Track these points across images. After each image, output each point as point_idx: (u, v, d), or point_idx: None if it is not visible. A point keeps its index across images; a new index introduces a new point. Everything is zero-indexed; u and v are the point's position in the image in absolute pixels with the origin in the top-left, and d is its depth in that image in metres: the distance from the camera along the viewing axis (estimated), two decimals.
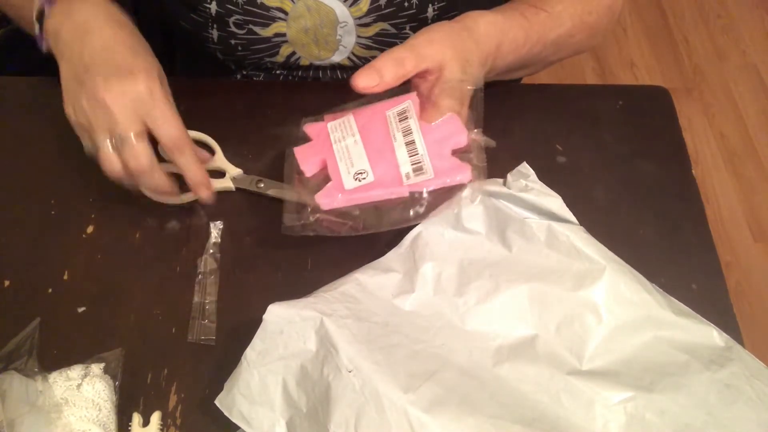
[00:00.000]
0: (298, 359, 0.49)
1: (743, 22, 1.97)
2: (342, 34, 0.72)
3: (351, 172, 0.57)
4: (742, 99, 1.82)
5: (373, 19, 0.70)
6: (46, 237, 0.62)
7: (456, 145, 0.58)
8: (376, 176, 0.56)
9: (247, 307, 0.58)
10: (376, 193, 0.56)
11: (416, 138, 0.57)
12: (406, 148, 0.57)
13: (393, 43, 0.72)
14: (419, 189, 0.57)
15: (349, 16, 0.70)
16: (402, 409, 0.45)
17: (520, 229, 0.56)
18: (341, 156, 0.57)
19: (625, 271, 0.55)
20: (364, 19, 0.70)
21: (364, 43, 0.73)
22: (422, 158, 0.56)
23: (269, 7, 0.69)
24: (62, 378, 0.52)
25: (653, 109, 0.73)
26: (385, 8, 0.69)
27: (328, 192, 0.57)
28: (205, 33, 0.73)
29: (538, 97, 0.73)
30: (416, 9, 0.69)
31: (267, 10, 0.70)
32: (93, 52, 0.56)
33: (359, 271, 0.55)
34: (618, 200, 0.66)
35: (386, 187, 0.56)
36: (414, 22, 0.70)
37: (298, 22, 0.71)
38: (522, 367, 0.51)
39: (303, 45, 0.73)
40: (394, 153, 0.57)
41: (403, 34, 0.71)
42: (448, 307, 0.54)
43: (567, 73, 1.83)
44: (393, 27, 0.71)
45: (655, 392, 0.49)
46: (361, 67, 0.57)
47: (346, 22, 0.71)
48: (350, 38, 0.72)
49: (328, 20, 0.70)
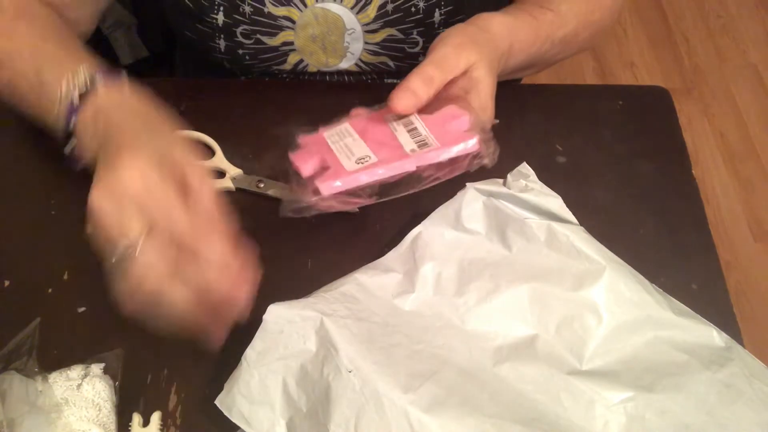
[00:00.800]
0: (298, 359, 0.49)
1: (743, 22, 1.97)
2: (350, 41, 0.72)
3: (352, 159, 0.54)
4: (742, 99, 1.82)
5: (381, 26, 0.70)
6: (46, 237, 0.62)
7: (459, 126, 0.56)
8: (379, 158, 0.54)
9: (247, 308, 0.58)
10: (380, 171, 0.53)
11: (418, 125, 0.55)
12: (409, 134, 0.55)
13: (401, 48, 0.72)
14: (426, 161, 0.54)
15: (357, 23, 0.70)
16: (402, 409, 0.45)
17: (520, 229, 0.56)
18: (340, 151, 0.55)
19: (625, 271, 0.55)
20: (371, 25, 0.70)
21: (371, 50, 0.73)
22: (426, 137, 0.54)
23: (277, 17, 0.69)
24: (62, 378, 0.52)
25: (653, 109, 0.73)
26: (392, 14, 0.69)
27: (329, 176, 0.53)
28: (211, 43, 0.72)
29: (538, 97, 0.73)
30: (423, 14, 0.69)
31: (274, 20, 0.69)
32: None
33: (359, 271, 0.55)
34: (618, 200, 0.66)
35: (390, 163, 0.53)
36: (421, 27, 0.70)
37: (306, 31, 0.71)
38: (522, 367, 0.51)
39: (311, 53, 0.73)
40: (396, 139, 0.55)
41: (411, 39, 0.71)
42: (448, 307, 0.54)
43: (567, 73, 1.83)
44: (400, 32, 0.71)
45: (655, 392, 0.49)
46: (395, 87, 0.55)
47: (353, 29, 0.71)
48: (358, 45, 0.72)
49: (336, 28, 0.70)
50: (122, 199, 0.44)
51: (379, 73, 0.77)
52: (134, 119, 0.50)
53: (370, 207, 0.64)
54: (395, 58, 0.74)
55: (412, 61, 0.73)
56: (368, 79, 0.78)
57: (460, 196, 0.58)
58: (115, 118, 0.51)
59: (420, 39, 0.71)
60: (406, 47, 0.72)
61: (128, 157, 0.45)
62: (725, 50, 1.92)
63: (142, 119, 0.50)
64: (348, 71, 0.76)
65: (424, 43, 0.72)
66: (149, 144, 0.46)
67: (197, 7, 0.69)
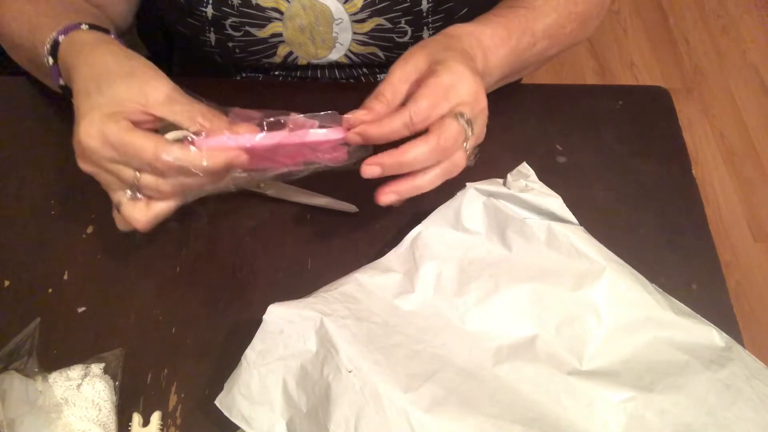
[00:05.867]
0: (298, 359, 0.49)
1: (743, 22, 1.97)
2: (338, 31, 0.72)
3: None
4: (742, 99, 1.82)
5: (368, 15, 0.70)
6: (46, 237, 0.62)
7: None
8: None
9: (247, 307, 0.58)
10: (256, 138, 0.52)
11: None
12: None
13: (390, 38, 0.73)
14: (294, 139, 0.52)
15: (345, 13, 0.70)
16: (402, 409, 0.45)
17: (520, 229, 0.56)
18: None
19: (625, 271, 0.55)
20: (359, 15, 0.70)
21: (360, 40, 0.73)
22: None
23: (264, 8, 0.70)
24: (62, 378, 0.52)
25: (653, 109, 0.73)
26: (379, 3, 0.69)
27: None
28: (202, 37, 0.73)
29: (538, 97, 0.73)
30: (410, 2, 0.69)
31: (262, 11, 0.70)
32: None
33: (359, 271, 0.55)
34: (618, 200, 0.66)
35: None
36: (409, 16, 0.70)
37: (294, 22, 0.71)
38: (522, 367, 0.51)
39: (300, 44, 0.73)
40: None
41: (399, 28, 0.71)
42: (448, 307, 0.54)
43: (567, 73, 1.83)
44: (388, 21, 0.71)
45: (655, 392, 0.49)
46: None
47: (341, 19, 0.71)
48: (346, 35, 0.72)
49: (324, 18, 0.71)
50: (95, 159, 0.50)
51: (369, 65, 0.77)
52: (90, 70, 0.53)
53: (370, 207, 0.64)
54: (385, 48, 0.74)
55: (402, 51, 0.72)
56: (359, 72, 0.78)
57: (460, 196, 0.58)
58: (74, 71, 0.54)
59: (408, 28, 0.71)
60: (395, 36, 0.72)
61: (80, 117, 0.50)
62: (725, 50, 1.92)
63: (99, 69, 0.52)
64: (338, 63, 0.76)
65: (413, 32, 0.72)
66: (100, 97, 0.50)
67: (187, 0, 0.70)
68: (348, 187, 0.64)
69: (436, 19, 0.71)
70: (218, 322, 0.58)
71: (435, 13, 0.70)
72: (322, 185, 0.64)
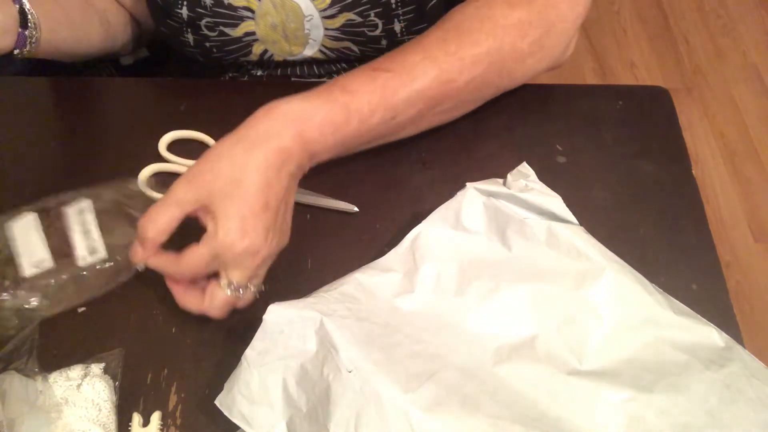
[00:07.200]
0: (298, 359, 0.49)
1: (743, 22, 1.98)
2: (310, 27, 0.72)
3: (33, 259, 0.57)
4: (742, 99, 1.82)
5: (338, 10, 0.71)
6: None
7: None
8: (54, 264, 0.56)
9: (247, 307, 0.58)
10: None
11: (93, 229, 0.57)
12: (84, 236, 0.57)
13: (361, 32, 0.73)
14: None
15: (314, 9, 0.71)
16: (402, 409, 0.45)
17: (520, 229, 0.56)
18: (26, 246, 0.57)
19: (625, 271, 0.55)
20: (328, 11, 0.71)
21: (332, 35, 0.73)
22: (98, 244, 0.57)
23: (236, 7, 0.71)
24: (62, 378, 0.52)
25: (653, 109, 0.73)
26: None
27: None
28: (182, 38, 0.74)
29: (538, 97, 0.73)
30: None
31: (234, 11, 0.71)
32: None
33: (359, 271, 0.55)
34: (618, 200, 0.66)
35: None
36: (378, 8, 0.70)
37: (266, 20, 0.72)
38: (522, 367, 0.51)
39: (273, 42, 0.74)
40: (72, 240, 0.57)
41: (369, 21, 0.71)
42: (448, 307, 0.54)
43: (567, 73, 1.83)
44: (358, 16, 0.71)
45: (655, 392, 0.49)
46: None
47: (311, 16, 0.71)
48: (318, 31, 0.73)
49: (295, 15, 0.71)
50: None
51: (346, 60, 0.77)
52: None
53: (370, 207, 0.64)
54: (358, 42, 0.74)
55: (375, 44, 0.73)
56: (338, 67, 0.78)
57: (459, 196, 0.58)
58: None
59: (378, 21, 0.71)
60: (366, 30, 0.72)
61: None
62: (725, 50, 1.92)
63: None
64: (314, 59, 0.77)
65: (384, 24, 0.72)
66: None
67: (164, 2, 0.72)
68: (348, 187, 0.64)
69: (407, 11, 0.71)
70: (218, 322, 0.58)
71: (405, 4, 0.70)
72: (322, 185, 0.64)
